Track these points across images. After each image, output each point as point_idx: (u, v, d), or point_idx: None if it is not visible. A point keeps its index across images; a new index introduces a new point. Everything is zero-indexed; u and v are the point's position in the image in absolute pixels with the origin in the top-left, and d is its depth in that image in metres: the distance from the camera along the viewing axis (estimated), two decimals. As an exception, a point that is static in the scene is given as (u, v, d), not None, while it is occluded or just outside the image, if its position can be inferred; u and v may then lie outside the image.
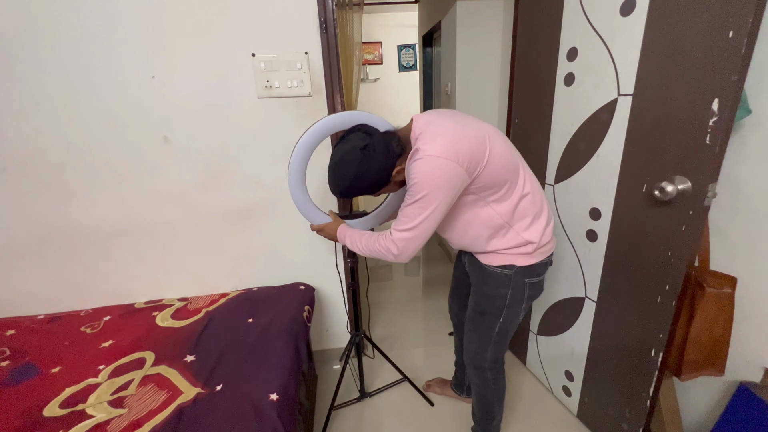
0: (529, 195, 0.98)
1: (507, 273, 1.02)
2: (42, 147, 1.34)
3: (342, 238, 1.12)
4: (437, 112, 0.97)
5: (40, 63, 1.26)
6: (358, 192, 0.95)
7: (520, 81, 1.48)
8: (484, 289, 1.08)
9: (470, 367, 1.19)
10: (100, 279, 1.54)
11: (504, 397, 1.24)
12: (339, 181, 0.94)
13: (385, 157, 0.91)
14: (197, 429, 0.90)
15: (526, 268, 1.02)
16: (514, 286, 1.03)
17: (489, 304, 1.08)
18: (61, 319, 1.43)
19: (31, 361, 1.20)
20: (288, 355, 1.14)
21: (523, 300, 1.06)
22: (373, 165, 0.90)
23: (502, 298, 1.05)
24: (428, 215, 0.89)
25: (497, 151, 0.91)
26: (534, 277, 1.04)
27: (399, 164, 0.94)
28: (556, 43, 1.25)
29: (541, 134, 1.38)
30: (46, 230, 1.43)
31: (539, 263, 1.03)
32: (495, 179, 0.92)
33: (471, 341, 1.16)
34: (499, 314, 1.07)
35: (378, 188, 0.96)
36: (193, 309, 1.43)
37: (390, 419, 1.53)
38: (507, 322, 1.08)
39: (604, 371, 1.29)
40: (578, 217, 1.28)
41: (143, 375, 1.11)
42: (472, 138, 0.89)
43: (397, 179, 0.96)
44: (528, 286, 1.04)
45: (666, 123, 0.95)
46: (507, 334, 1.11)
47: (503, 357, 1.18)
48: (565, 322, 1.42)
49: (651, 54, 0.96)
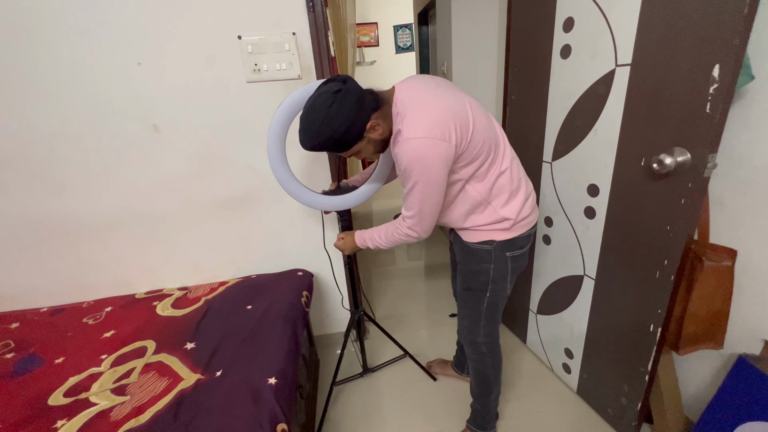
0: (507, 171, 0.97)
1: (487, 248, 1.03)
2: (31, 139, 1.32)
3: (363, 243, 1.14)
4: (419, 82, 0.94)
5: (24, 54, 1.23)
6: (327, 143, 0.87)
7: (515, 56, 1.44)
8: (467, 266, 1.09)
9: (466, 343, 1.21)
10: (100, 271, 1.55)
11: (500, 371, 1.26)
12: (307, 129, 0.87)
13: (358, 103, 0.85)
14: (198, 414, 0.91)
15: (505, 243, 1.02)
16: (496, 261, 1.04)
17: (474, 280, 1.09)
18: (64, 312, 1.44)
19: (35, 352, 1.22)
20: (286, 340, 1.15)
21: (507, 273, 1.07)
22: (343, 110, 0.83)
23: (486, 273, 1.06)
24: (427, 195, 0.89)
25: (478, 123, 0.89)
26: (515, 251, 1.05)
27: (374, 119, 0.89)
28: (551, 14, 1.20)
29: (538, 111, 1.34)
30: (42, 223, 1.44)
31: (520, 236, 1.03)
32: (477, 153, 0.90)
33: (463, 318, 1.18)
34: (485, 290, 1.08)
35: (350, 142, 0.89)
36: (193, 298, 1.44)
37: (392, 394, 1.57)
38: (494, 297, 1.09)
39: (603, 348, 1.29)
40: (576, 194, 1.25)
41: (144, 363, 1.12)
42: (456, 111, 0.87)
43: (373, 136, 0.91)
44: (510, 260, 1.05)
45: (665, 93, 0.92)
46: (497, 308, 1.13)
47: (497, 331, 1.20)
48: (564, 301, 1.41)
49: (649, 20, 0.92)
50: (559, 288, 1.43)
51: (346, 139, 0.87)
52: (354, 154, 0.96)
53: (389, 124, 0.92)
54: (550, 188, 1.37)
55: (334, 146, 0.89)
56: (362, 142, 0.92)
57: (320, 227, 1.57)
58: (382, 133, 0.92)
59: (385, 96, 0.92)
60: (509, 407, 1.45)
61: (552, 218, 1.40)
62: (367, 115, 0.88)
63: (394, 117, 0.90)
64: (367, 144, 0.93)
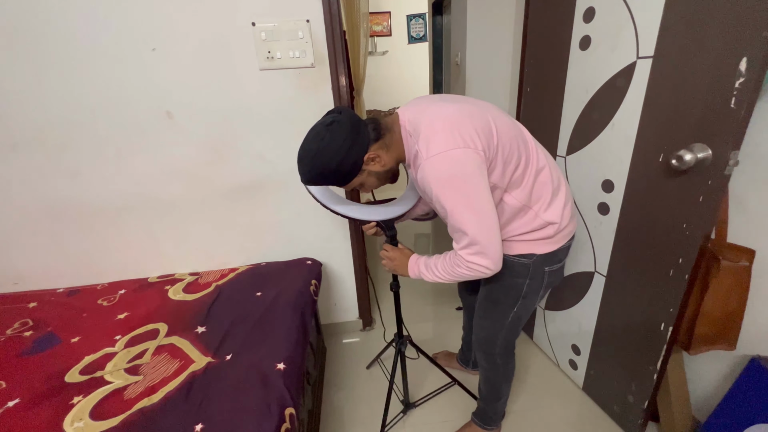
0: (546, 168, 0.90)
1: (525, 262, 0.94)
2: (47, 124, 1.35)
3: (415, 271, 0.98)
4: (422, 99, 0.90)
5: (41, 40, 1.24)
6: (321, 176, 0.83)
7: (532, 47, 1.41)
8: (498, 278, 0.96)
9: (479, 352, 1.14)
10: (114, 254, 1.58)
11: (512, 378, 1.21)
12: (301, 161, 0.83)
13: (352, 135, 0.80)
14: (208, 396, 0.93)
15: (546, 256, 0.94)
16: (533, 276, 0.96)
17: (503, 293, 1.00)
18: (80, 293, 1.48)
19: (52, 331, 1.25)
20: (295, 327, 1.16)
21: (541, 288, 0.99)
22: (334, 143, 0.79)
23: (518, 288, 0.97)
24: (474, 213, 0.78)
25: (500, 123, 0.83)
26: (555, 264, 0.97)
27: (374, 150, 0.84)
28: (572, 3, 1.17)
29: (554, 103, 1.32)
30: (58, 207, 1.47)
31: (560, 248, 0.95)
32: (509, 156, 0.82)
33: (482, 328, 1.10)
34: (513, 304, 1.00)
35: (347, 175, 0.84)
36: (204, 283, 1.47)
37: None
38: (521, 311, 1.02)
39: (611, 345, 1.28)
40: (590, 189, 1.23)
41: (157, 345, 1.15)
42: (472, 113, 0.81)
43: (373, 168, 0.86)
44: (548, 275, 0.97)
45: (687, 86, 0.89)
46: (520, 321, 1.05)
47: (513, 345, 1.13)
48: (574, 297, 1.40)
49: (675, 10, 0.89)
50: (568, 284, 1.42)
51: (341, 171, 0.82)
52: (356, 186, 0.91)
53: (396, 154, 0.87)
54: (563, 183, 1.35)
55: (329, 179, 0.84)
56: (362, 175, 0.87)
57: (329, 217, 1.57)
58: (385, 165, 0.87)
59: (387, 123, 0.87)
60: (514, 401, 1.46)
61: (564, 214, 1.38)
62: (364, 147, 0.82)
63: (406, 140, 0.85)
64: (368, 177, 0.88)
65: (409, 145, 0.85)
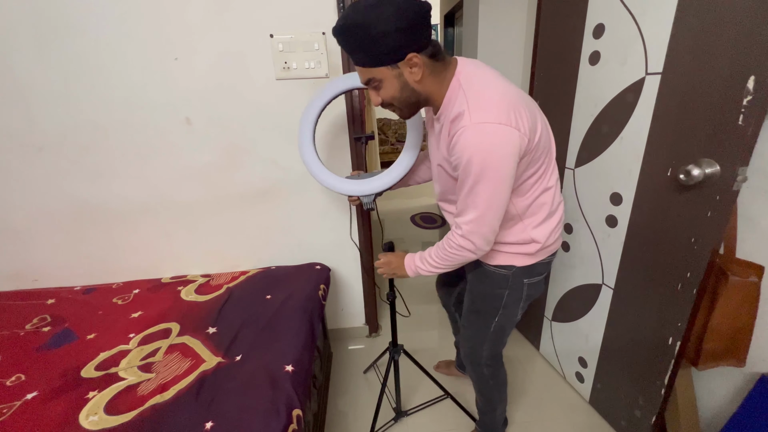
0: (552, 189, 0.90)
1: (505, 273, 0.96)
2: (72, 128, 1.40)
3: (413, 267, 0.96)
4: (486, 66, 0.82)
5: (70, 48, 1.30)
6: (359, 28, 0.70)
7: (542, 60, 1.43)
8: (479, 288, 1.02)
9: (467, 363, 1.15)
10: (130, 255, 1.63)
11: (505, 388, 1.22)
12: (351, 7, 0.72)
13: (415, 22, 0.70)
14: (218, 394, 0.95)
15: (525, 269, 0.95)
16: (512, 287, 0.97)
17: (484, 303, 1.03)
18: (96, 291, 1.52)
19: (69, 327, 1.29)
20: (303, 331, 1.19)
21: (521, 300, 1.00)
22: (398, 12, 0.68)
23: (499, 298, 0.99)
24: (495, 195, 0.75)
25: (544, 126, 0.82)
26: (534, 277, 0.98)
27: (417, 56, 0.73)
28: (582, 20, 1.19)
29: (563, 116, 1.33)
30: (78, 207, 1.52)
31: (541, 262, 0.96)
32: (534, 160, 0.80)
33: (467, 339, 1.12)
34: (494, 314, 1.02)
35: (380, 51, 0.72)
36: (215, 285, 1.50)
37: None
38: (503, 321, 1.03)
39: (618, 358, 1.28)
40: (598, 202, 1.24)
41: (169, 344, 1.18)
42: (526, 100, 0.78)
43: (406, 73, 0.75)
44: (527, 287, 0.98)
45: (696, 103, 0.90)
46: (504, 332, 1.06)
47: (501, 353, 1.15)
48: (581, 309, 1.40)
49: (684, 29, 0.91)
50: (575, 296, 1.42)
51: (378, 42, 0.71)
52: (376, 84, 0.78)
53: (434, 87, 0.79)
54: (571, 195, 1.36)
55: (360, 42, 0.72)
56: (390, 70, 0.75)
57: (338, 223, 1.60)
58: (419, 81, 0.77)
59: (445, 56, 0.79)
60: (520, 413, 1.45)
61: (572, 225, 1.38)
62: (414, 44, 0.72)
63: (453, 90, 0.77)
64: (395, 78, 0.76)
65: (454, 98, 0.77)
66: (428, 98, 0.82)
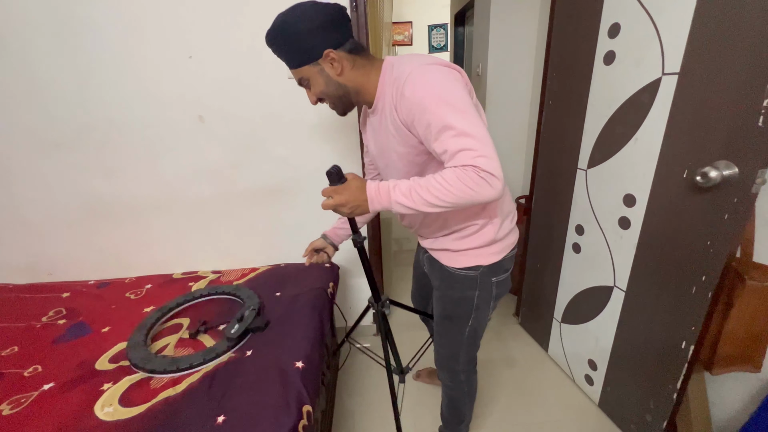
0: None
1: (473, 275, 0.96)
2: (88, 125, 1.43)
3: (385, 199, 0.77)
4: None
5: (86, 47, 1.33)
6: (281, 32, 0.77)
7: (555, 60, 1.42)
8: (449, 294, 1.01)
9: (443, 371, 1.15)
10: (142, 250, 1.65)
11: (475, 397, 1.20)
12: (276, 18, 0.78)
13: (330, 20, 0.76)
14: (229, 388, 0.96)
15: (492, 267, 0.96)
16: (481, 287, 0.97)
17: (455, 308, 1.02)
18: (109, 286, 1.55)
19: (84, 320, 1.32)
20: (312, 327, 1.19)
21: (491, 300, 1.00)
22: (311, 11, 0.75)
23: (469, 301, 0.99)
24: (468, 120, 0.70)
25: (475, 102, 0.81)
26: (501, 275, 0.99)
27: (337, 53, 0.78)
28: (596, 19, 1.18)
29: (576, 117, 1.32)
30: (92, 203, 1.55)
31: (505, 258, 0.97)
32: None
33: (442, 347, 1.11)
34: (467, 318, 1.01)
35: (300, 49, 0.78)
36: (226, 281, 1.51)
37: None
38: (476, 324, 1.03)
39: (629, 362, 1.26)
40: (611, 203, 1.23)
41: (179, 338, 1.20)
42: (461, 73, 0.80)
43: (327, 68, 0.80)
44: (495, 285, 0.99)
45: (714, 104, 0.89)
46: (477, 334, 1.06)
47: (476, 357, 1.14)
48: (591, 311, 1.39)
49: (703, 29, 0.89)
50: (586, 298, 1.41)
51: (297, 42, 0.77)
52: (306, 83, 0.83)
53: (360, 80, 0.83)
54: (583, 196, 1.35)
55: (283, 44, 0.79)
56: (313, 68, 0.80)
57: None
58: (340, 74, 0.81)
59: (371, 55, 0.85)
60: (527, 415, 1.45)
61: (583, 227, 1.37)
62: (330, 41, 0.78)
63: (384, 74, 0.81)
64: (317, 75, 0.81)
65: (387, 79, 0.81)
66: (358, 91, 0.85)
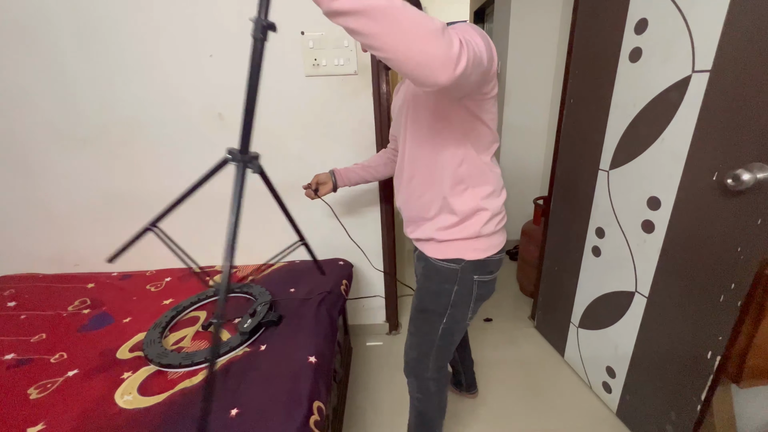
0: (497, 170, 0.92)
1: (454, 267, 0.93)
2: (112, 122, 1.48)
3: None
4: None
5: (111, 46, 1.37)
6: None
7: (578, 57, 1.38)
8: (427, 285, 0.98)
9: (411, 377, 1.09)
10: (162, 244, 1.69)
11: (445, 411, 1.15)
12: None
13: None
14: (243, 382, 0.98)
15: (475, 264, 0.92)
16: (461, 282, 0.93)
17: (432, 301, 0.98)
18: (131, 278, 1.60)
19: (107, 311, 1.36)
20: (325, 324, 1.20)
21: (471, 300, 0.96)
22: None
23: (447, 294, 0.95)
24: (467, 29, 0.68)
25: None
26: (485, 275, 0.94)
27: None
28: (623, 14, 1.14)
29: (599, 116, 1.28)
30: (115, 197, 1.60)
31: (491, 259, 0.93)
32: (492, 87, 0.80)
33: (411, 347, 1.06)
34: (442, 313, 0.97)
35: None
36: (241, 276, 1.54)
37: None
38: (451, 324, 0.98)
39: (650, 370, 1.22)
40: (634, 206, 1.19)
41: (196, 330, 1.23)
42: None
43: None
44: (477, 284, 0.94)
45: (748, 103, 0.85)
46: (451, 339, 1.01)
47: (446, 367, 1.09)
48: (611, 317, 1.35)
49: (737, 24, 0.85)
50: (605, 303, 1.37)
51: None
52: None
53: None
54: (604, 198, 1.31)
55: None
56: None
57: (362, 220, 1.61)
58: None
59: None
60: (542, 422, 1.42)
61: (604, 229, 1.33)
62: None
63: None
64: None
65: None
66: None
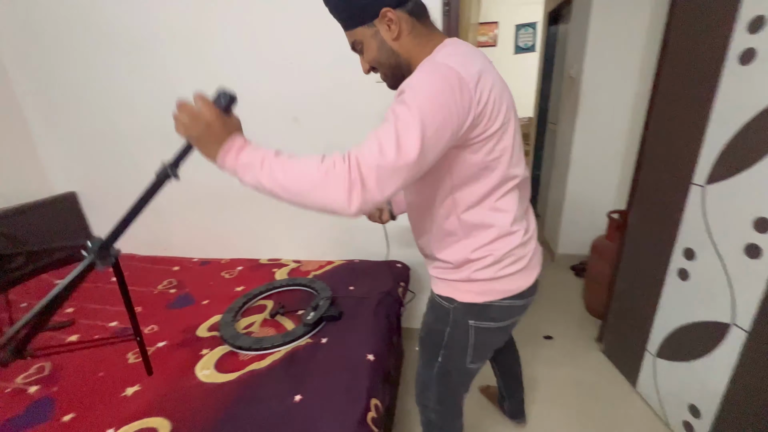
0: (508, 214, 0.74)
1: (446, 306, 0.82)
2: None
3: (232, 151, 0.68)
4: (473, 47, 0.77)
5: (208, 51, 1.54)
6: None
7: (672, 59, 1.25)
8: (425, 317, 0.92)
9: (417, 403, 1.02)
10: (236, 235, 1.86)
11: None
12: None
13: None
14: (305, 371, 1.03)
15: (470, 307, 0.79)
16: (454, 326, 0.82)
17: (428, 335, 0.91)
18: (209, 264, 1.77)
19: (189, 292, 1.53)
20: (382, 324, 1.23)
21: (467, 346, 0.83)
22: None
23: (439, 334, 0.85)
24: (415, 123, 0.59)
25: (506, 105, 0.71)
26: (484, 321, 0.79)
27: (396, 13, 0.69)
28: (733, 11, 1.01)
29: (695, 122, 1.15)
30: (199, 192, 1.77)
31: (493, 305, 0.78)
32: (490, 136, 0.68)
33: (418, 374, 0.99)
34: (437, 352, 0.87)
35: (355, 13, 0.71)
36: (304, 271, 1.63)
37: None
38: (448, 365, 0.87)
39: (746, 415, 1.06)
40: (736, 226, 1.05)
41: (264, 318, 1.32)
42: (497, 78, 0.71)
43: (383, 30, 0.71)
44: (474, 331, 0.80)
45: None
46: (450, 378, 0.90)
47: (455, 404, 0.97)
48: (699, 349, 1.20)
49: None
50: (692, 332, 1.22)
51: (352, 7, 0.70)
52: (360, 47, 0.75)
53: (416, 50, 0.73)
54: (697, 215, 1.17)
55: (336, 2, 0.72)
56: (368, 29, 0.71)
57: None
58: (396, 39, 0.71)
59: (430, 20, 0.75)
60: (606, 452, 1.30)
61: (694, 251, 1.19)
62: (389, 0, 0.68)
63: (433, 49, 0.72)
64: (372, 38, 0.72)
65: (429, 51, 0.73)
66: (410, 63, 0.73)
